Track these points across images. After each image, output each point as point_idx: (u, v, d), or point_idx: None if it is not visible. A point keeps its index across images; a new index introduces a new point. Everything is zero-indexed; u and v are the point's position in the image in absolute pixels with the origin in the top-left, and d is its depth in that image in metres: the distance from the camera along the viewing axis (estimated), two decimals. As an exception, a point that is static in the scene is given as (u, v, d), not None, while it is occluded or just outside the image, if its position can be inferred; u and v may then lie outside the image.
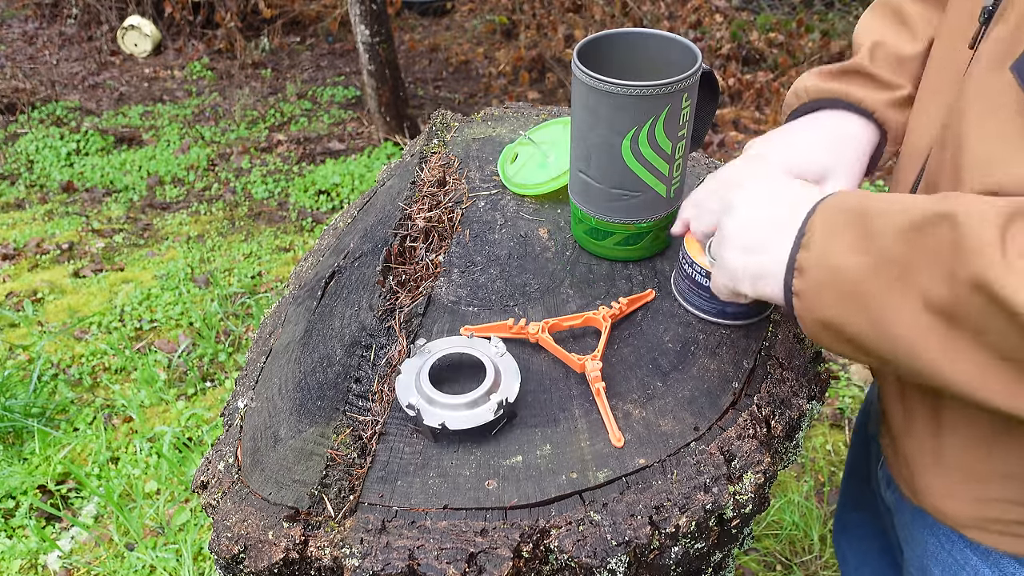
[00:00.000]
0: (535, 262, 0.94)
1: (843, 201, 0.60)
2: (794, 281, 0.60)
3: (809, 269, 0.59)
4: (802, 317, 0.61)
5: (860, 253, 0.55)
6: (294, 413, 0.81)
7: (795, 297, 0.60)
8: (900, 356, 0.55)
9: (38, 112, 4.68)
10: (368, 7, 3.78)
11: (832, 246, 0.58)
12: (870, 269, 0.55)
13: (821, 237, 0.59)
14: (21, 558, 1.84)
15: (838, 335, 0.59)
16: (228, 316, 2.68)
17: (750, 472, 0.72)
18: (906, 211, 0.54)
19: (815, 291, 0.59)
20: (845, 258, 0.56)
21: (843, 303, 0.57)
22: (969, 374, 0.52)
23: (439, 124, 1.27)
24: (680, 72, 0.79)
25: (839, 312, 0.58)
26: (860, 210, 0.58)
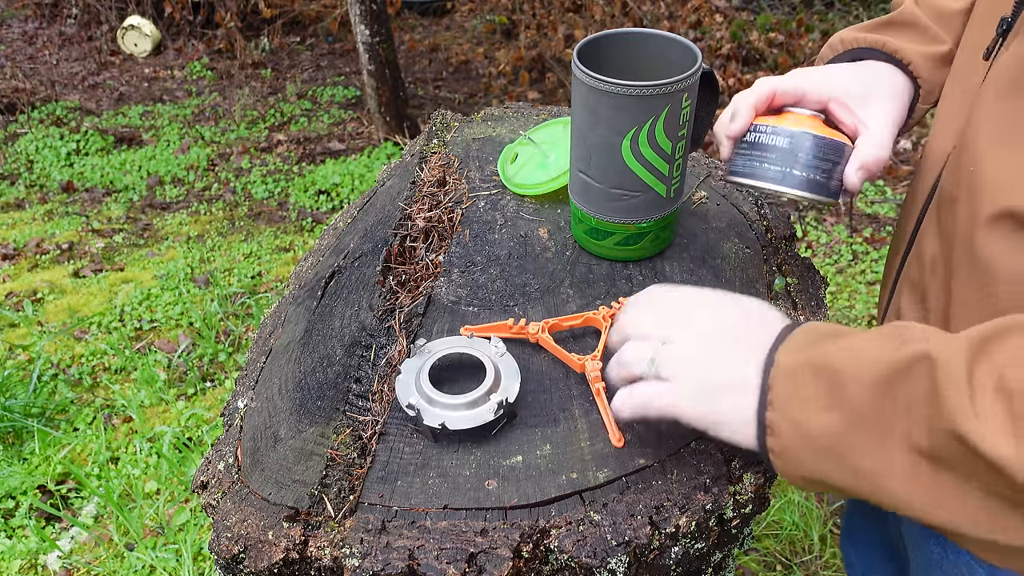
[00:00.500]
0: (535, 262, 0.94)
1: (805, 348, 0.57)
2: (768, 440, 0.57)
3: (782, 430, 0.56)
4: (784, 472, 0.58)
5: (833, 411, 0.53)
6: (294, 413, 0.81)
7: (772, 454, 0.58)
8: (889, 501, 0.53)
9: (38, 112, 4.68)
10: (368, 7, 3.78)
11: (802, 406, 0.55)
12: (844, 425, 0.53)
13: (787, 392, 0.56)
14: (21, 558, 1.84)
15: (823, 486, 0.57)
16: (228, 316, 2.68)
17: (750, 472, 0.72)
18: (874, 362, 0.52)
19: (791, 450, 0.56)
20: (818, 418, 0.54)
21: (822, 459, 0.55)
22: (962, 515, 0.50)
23: (439, 124, 1.27)
24: (680, 72, 0.79)
25: (820, 468, 0.55)
26: (825, 360, 0.55)
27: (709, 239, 0.97)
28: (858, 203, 3.23)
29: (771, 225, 1.04)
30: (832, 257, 2.93)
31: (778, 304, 0.89)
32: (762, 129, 0.76)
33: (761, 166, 0.76)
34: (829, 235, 3.04)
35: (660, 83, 0.77)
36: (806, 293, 0.93)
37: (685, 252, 0.95)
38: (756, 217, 1.04)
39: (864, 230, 3.06)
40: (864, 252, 2.93)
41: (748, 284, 0.91)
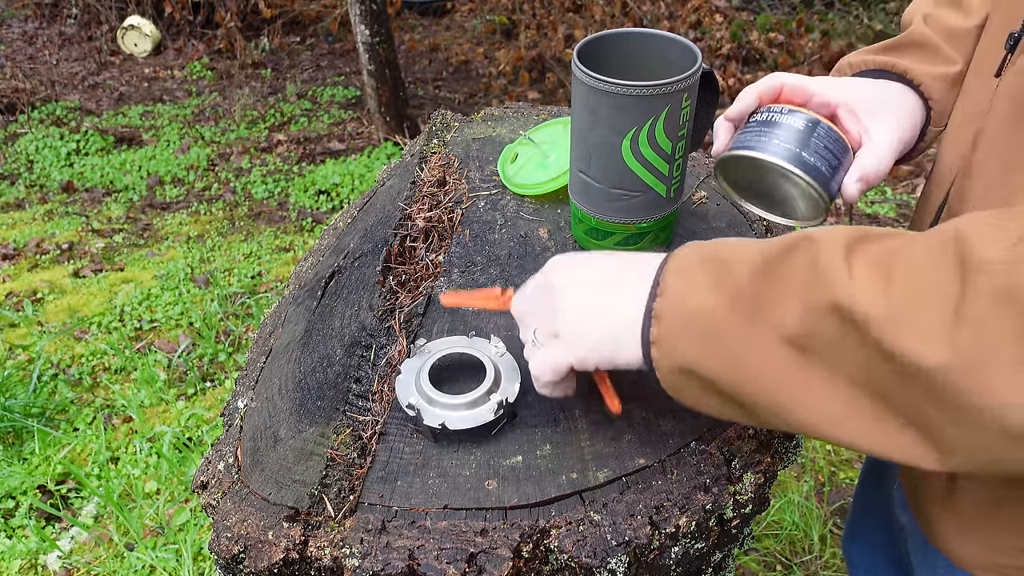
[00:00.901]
0: (535, 262, 0.94)
1: (697, 248, 0.59)
2: (652, 329, 0.58)
3: (665, 314, 0.57)
4: (659, 365, 0.58)
5: (715, 291, 0.54)
6: (294, 413, 0.81)
7: (653, 346, 0.58)
8: (757, 396, 0.54)
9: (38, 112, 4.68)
10: (368, 7, 3.78)
11: (687, 288, 0.56)
12: (726, 305, 0.53)
13: (676, 281, 0.57)
14: (21, 558, 1.84)
15: (695, 380, 0.57)
16: (228, 316, 2.68)
17: (750, 472, 0.72)
18: (761, 249, 0.54)
19: (673, 334, 0.57)
20: (701, 297, 0.55)
21: (700, 344, 0.55)
22: (826, 410, 0.50)
23: (439, 124, 1.27)
24: (680, 72, 0.79)
25: (696, 354, 0.56)
26: (714, 252, 0.57)
27: (709, 239, 0.97)
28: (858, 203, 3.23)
29: (771, 226, 1.04)
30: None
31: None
32: (776, 110, 0.75)
33: (770, 142, 0.73)
34: (829, 235, 3.04)
35: (660, 83, 0.77)
36: (806, 293, 0.93)
37: (685, 252, 0.95)
38: (756, 217, 1.04)
39: (864, 230, 3.06)
40: (864, 252, 2.93)
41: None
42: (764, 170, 0.74)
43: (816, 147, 0.72)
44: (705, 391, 0.57)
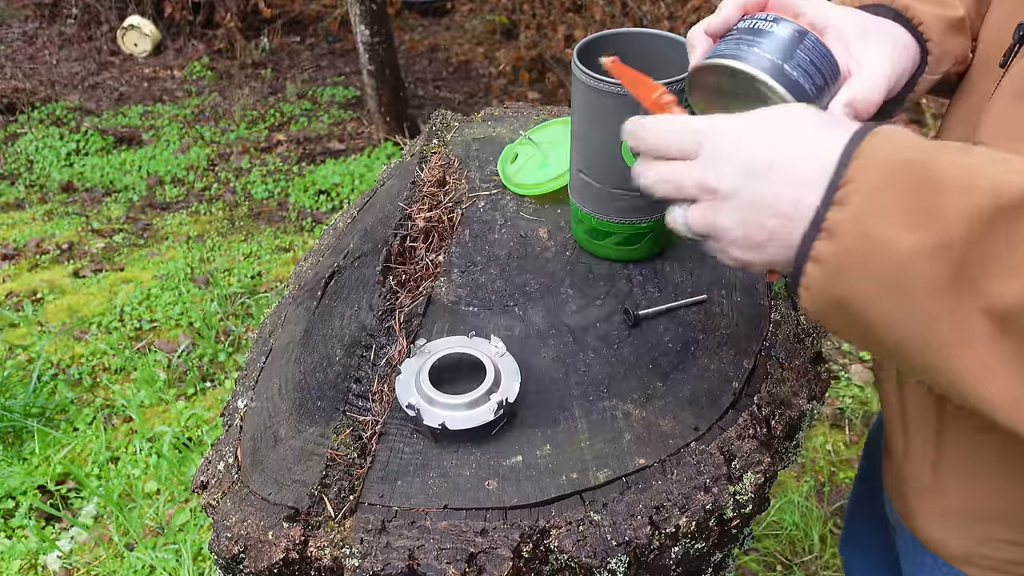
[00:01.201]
0: (535, 262, 0.94)
1: (897, 150, 0.47)
2: (817, 244, 0.48)
3: (842, 233, 0.47)
4: (813, 289, 0.50)
5: (916, 229, 0.44)
6: (294, 413, 0.81)
7: (811, 263, 0.49)
8: (926, 357, 0.47)
9: (38, 112, 4.68)
10: (368, 7, 3.78)
11: (879, 212, 0.46)
12: (927, 253, 0.44)
13: (865, 196, 0.46)
14: (21, 558, 1.84)
15: (851, 318, 0.49)
16: (228, 316, 2.68)
17: (750, 472, 0.72)
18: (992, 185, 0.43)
19: (844, 263, 0.47)
20: (896, 233, 0.45)
21: (876, 284, 0.46)
22: (1005, 392, 0.44)
23: (439, 124, 1.27)
24: (680, 72, 0.79)
25: (866, 293, 0.47)
26: (922, 173, 0.45)
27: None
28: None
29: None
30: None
31: (777, 304, 0.89)
32: (762, 17, 0.65)
33: (750, 51, 0.63)
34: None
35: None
36: (806, 293, 0.93)
37: (685, 252, 0.95)
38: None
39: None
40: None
41: (748, 284, 0.91)
42: (740, 83, 0.64)
43: (801, 61, 0.63)
44: (853, 328, 0.50)
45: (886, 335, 0.48)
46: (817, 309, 0.51)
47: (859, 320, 0.49)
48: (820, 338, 0.89)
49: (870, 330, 0.49)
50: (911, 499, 0.74)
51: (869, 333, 0.49)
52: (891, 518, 0.87)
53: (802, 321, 0.88)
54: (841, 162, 0.48)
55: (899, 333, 0.47)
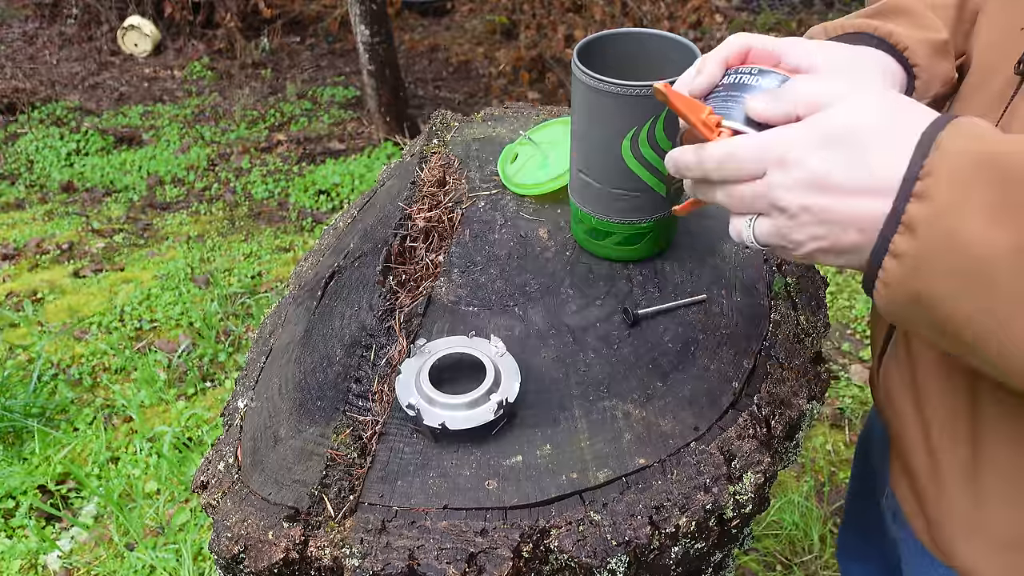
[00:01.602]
0: (535, 262, 0.94)
1: (977, 142, 0.46)
2: (896, 239, 0.47)
3: (923, 228, 0.46)
4: (892, 285, 0.49)
5: (1002, 226, 0.43)
6: (294, 413, 0.81)
7: (889, 258, 0.48)
8: (1006, 355, 0.45)
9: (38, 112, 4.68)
10: (368, 7, 3.78)
11: (962, 207, 0.44)
12: (1012, 250, 0.43)
13: (947, 190, 0.45)
14: (21, 558, 1.84)
15: (929, 314, 0.48)
16: (228, 316, 2.68)
17: (750, 472, 0.72)
18: None
19: (924, 258, 0.46)
20: (980, 228, 0.44)
21: (957, 280, 0.45)
22: None
23: (439, 124, 1.27)
24: (680, 72, 0.78)
25: (947, 289, 0.46)
26: (1006, 165, 0.44)
27: (709, 239, 0.97)
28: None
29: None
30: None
31: (777, 304, 0.89)
32: (744, 71, 0.63)
33: (738, 106, 0.60)
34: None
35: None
36: (806, 293, 0.93)
37: (685, 252, 0.95)
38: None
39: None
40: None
41: (748, 284, 0.91)
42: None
43: None
44: (931, 324, 0.49)
45: (964, 330, 0.47)
46: (894, 305, 0.50)
47: (937, 315, 0.48)
48: (820, 338, 0.89)
49: (948, 325, 0.48)
50: (944, 534, 0.69)
51: (947, 328, 0.48)
52: (893, 533, 0.84)
53: (802, 321, 0.88)
54: (919, 153, 0.47)
55: (978, 329, 0.46)
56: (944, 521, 0.69)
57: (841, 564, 1.14)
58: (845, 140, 0.51)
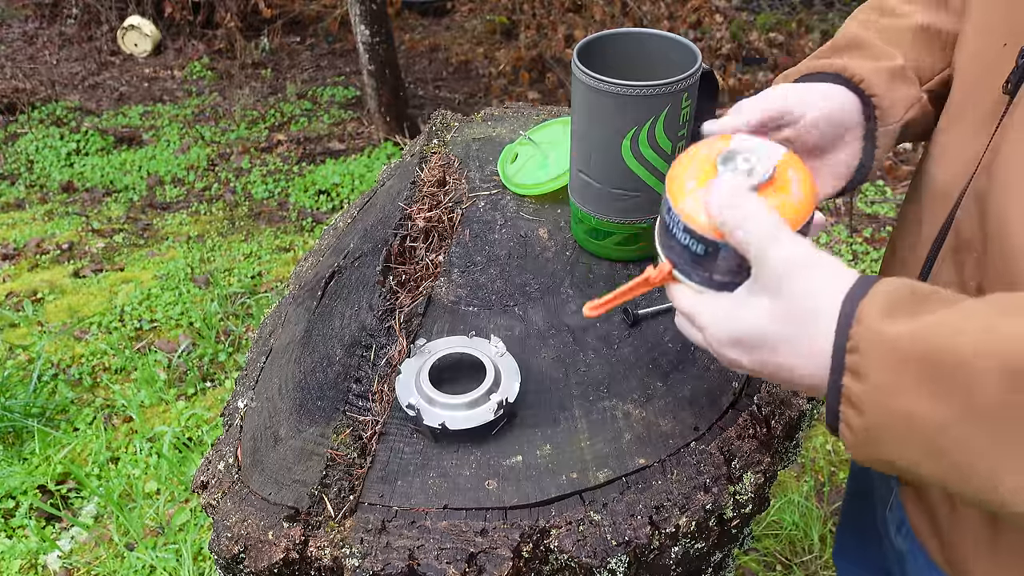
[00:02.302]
0: (535, 262, 0.94)
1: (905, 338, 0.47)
2: (844, 411, 0.50)
3: (867, 406, 0.49)
4: (856, 451, 0.51)
5: (942, 399, 0.46)
6: (294, 413, 0.81)
7: (844, 427, 0.51)
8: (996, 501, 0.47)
9: (38, 112, 4.68)
10: (368, 7, 3.78)
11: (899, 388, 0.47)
12: (959, 419, 0.46)
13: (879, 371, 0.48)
14: (21, 558, 1.84)
15: (903, 472, 0.51)
16: (228, 316, 2.68)
17: (750, 472, 0.72)
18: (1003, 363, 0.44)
19: (875, 434, 0.49)
20: (922, 405, 0.46)
21: (914, 451, 0.48)
22: None
23: (439, 124, 1.27)
24: (680, 72, 0.79)
25: (907, 458, 0.49)
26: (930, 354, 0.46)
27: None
28: (858, 203, 3.23)
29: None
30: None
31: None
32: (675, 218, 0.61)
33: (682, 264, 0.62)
34: (829, 235, 3.04)
35: (660, 83, 0.77)
36: (806, 293, 0.93)
37: (685, 252, 0.95)
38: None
39: (864, 230, 3.06)
40: (864, 252, 2.93)
41: (748, 284, 0.91)
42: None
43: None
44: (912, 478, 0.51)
45: (944, 485, 0.49)
46: (868, 465, 0.53)
47: (912, 473, 0.50)
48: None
49: (925, 481, 0.50)
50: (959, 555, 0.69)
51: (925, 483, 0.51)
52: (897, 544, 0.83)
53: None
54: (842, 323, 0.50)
55: (955, 487, 0.48)
56: (958, 540, 0.68)
57: (838, 565, 1.14)
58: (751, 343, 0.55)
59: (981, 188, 0.62)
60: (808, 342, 0.52)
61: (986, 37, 0.68)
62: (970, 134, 0.67)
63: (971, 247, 0.63)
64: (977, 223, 0.62)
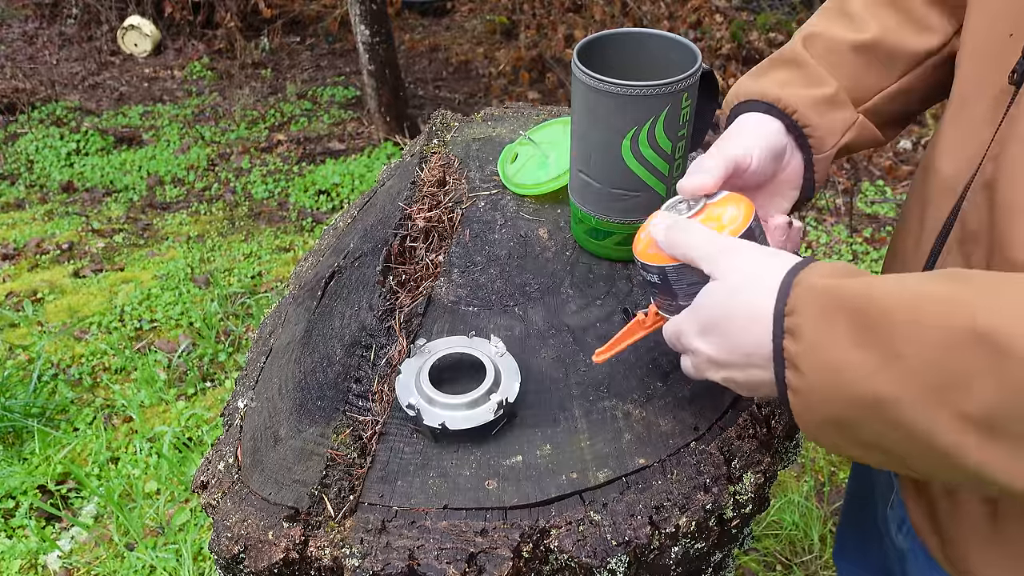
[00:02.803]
0: (535, 262, 0.94)
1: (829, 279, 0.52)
2: (787, 374, 0.53)
3: (803, 363, 0.52)
4: (802, 418, 0.54)
5: (866, 350, 0.48)
6: (294, 413, 0.81)
7: (791, 393, 0.53)
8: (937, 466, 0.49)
9: (38, 112, 4.68)
10: (368, 7, 3.78)
11: (830, 339, 0.50)
12: (880, 367, 0.48)
13: (813, 326, 0.51)
14: (21, 558, 1.84)
15: (849, 440, 0.53)
16: (228, 316, 2.68)
17: (750, 472, 0.72)
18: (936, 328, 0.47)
19: (816, 390, 0.52)
20: (849, 356, 0.49)
21: (854, 407, 0.50)
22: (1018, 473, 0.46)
23: (439, 124, 1.27)
24: (680, 72, 0.79)
25: (850, 415, 0.51)
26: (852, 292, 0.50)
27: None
28: (858, 203, 3.23)
29: (771, 225, 1.04)
30: (832, 257, 2.93)
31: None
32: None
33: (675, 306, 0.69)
34: (829, 235, 3.05)
35: (660, 83, 0.77)
36: (806, 293, 0.93)
37: (685, 252, 0.95)
38: (756, 217, 1.04)
39: (864, 230, 3.06)
40: (864, 252, 2.94)
41: (748, 284, 0.91)
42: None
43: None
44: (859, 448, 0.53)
45: (890, 451, 0.51)
46: (814, 435, 0.55)
47: (857, 439, 0.52)
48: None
49: (873, 449, 0.52)
50: (955, 532, 0.69)
51: (874, 451, 0.52)
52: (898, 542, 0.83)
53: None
54: (781, 293, 0.53)
55: (901, 449, 0.50)
56: (959, 537, 0.69)
57: (838, 565, 1.14)
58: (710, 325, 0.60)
59: (988, 178, 0.63)
60: (752, 311, 0.55)
61: (990, 29, 0.68)
62: (976, 126, 0.67)
63: (977, 238, 0.63)
64: (984, 213, 0.63)
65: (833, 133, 0.77)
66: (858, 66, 0.79)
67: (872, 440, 0.51)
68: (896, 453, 0.51)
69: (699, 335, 0.61)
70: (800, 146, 0.78)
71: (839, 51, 0.79)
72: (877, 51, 0.78)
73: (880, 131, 0.81)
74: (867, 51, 0.78)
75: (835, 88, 0.77)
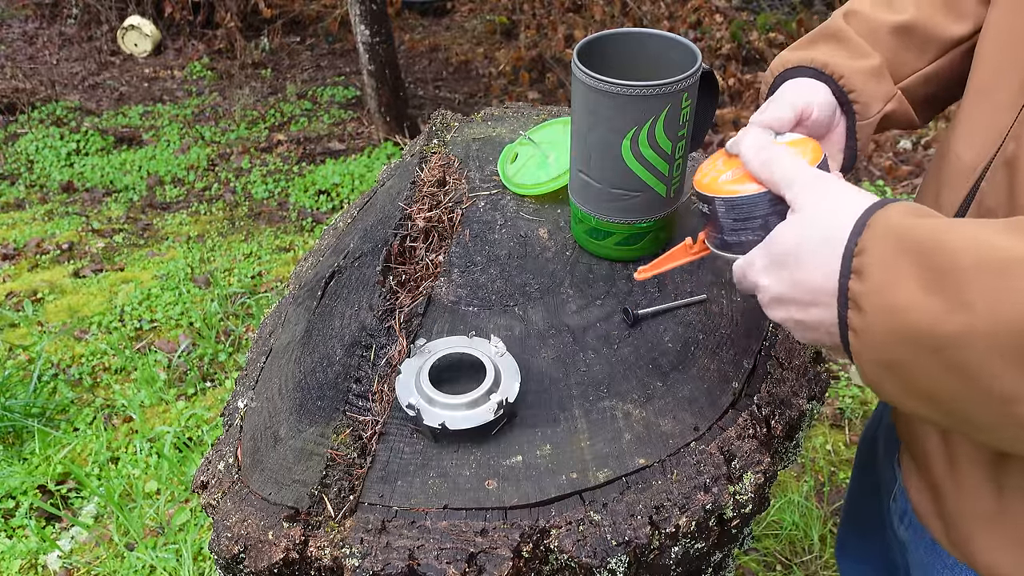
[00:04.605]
0: (535, 262, 0.94)
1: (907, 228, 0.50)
2: (850, 315, 0.52)
3: (866, 303, 0.51)
4: (861, 359, 0.53)
5: (934, 293, 0.48)
6: (294, 413, 0.81)
7: (851, 334, 0.53)
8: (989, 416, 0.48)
9: (38, 112, 4.68)
10: (368, 7, 3.78)
11: (897, 282, 0.49)
12: (947, 311, 0.47)
13: (880, 267, 0.50)
14: (21, 558, 1.84)
15: (906, 384, 0.52)
16: (228, 316, 2.68)
17: (750, 472, 0.72)
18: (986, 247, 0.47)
19: (876, 330, 0.51)
20: (916, 298, 0.48)
21: (915, 349, 0.49)
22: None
23: (439, 124, 1.27)
24: (680, 72, 0.79)
25: (909, 358, 0.50)
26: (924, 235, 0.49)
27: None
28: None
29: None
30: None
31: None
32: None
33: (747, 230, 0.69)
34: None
35: (660, 83, 0.77)
36: (806, 293, 0.93)
37: (685, 252, 0.95)
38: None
39: (864, 230, 3.05)
40: (864, 252, 2.93)
41: (748, 284, 0.91)
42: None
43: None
44: (915, 395, 0.52)
45: (944, 398, 0.50)
46: (872, 379, 0.54)
47: (914, 386, 0.51)
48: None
49: (929, 396, 0.51)
50: (963, 533, 0.69)
51: (929, 400, 0.51)
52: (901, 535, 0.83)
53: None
54: (854, 231, 0.53)
55: (961, 397, 0.49)
56: (961, 518, 0.69)
57: (840, 563, 1.14)
58: (782, 259, 0.59)
59: (1009, 156, 0.64)
60: (828, 250, 0.54)
61: (1012, 21, 0.69)
62: (998, 110, 0.68)
63: (995, 216, 0.64)
64: (1003, 191, 0.64)
65: (877, 100, 0.79)
66: (896, 46, 0.80)
67: (928, 387, 0.50)
68: (955, 406, 0.50)
69: (766, 270, 0.60)
70: (845, 112, 0.79)
71: (878, 30, 0.80)
72: (913, 33, 0.80)
73: (915, 111, 0.83)
74: (904, 32, 0.80)
75: (879, 60, 0.79)
